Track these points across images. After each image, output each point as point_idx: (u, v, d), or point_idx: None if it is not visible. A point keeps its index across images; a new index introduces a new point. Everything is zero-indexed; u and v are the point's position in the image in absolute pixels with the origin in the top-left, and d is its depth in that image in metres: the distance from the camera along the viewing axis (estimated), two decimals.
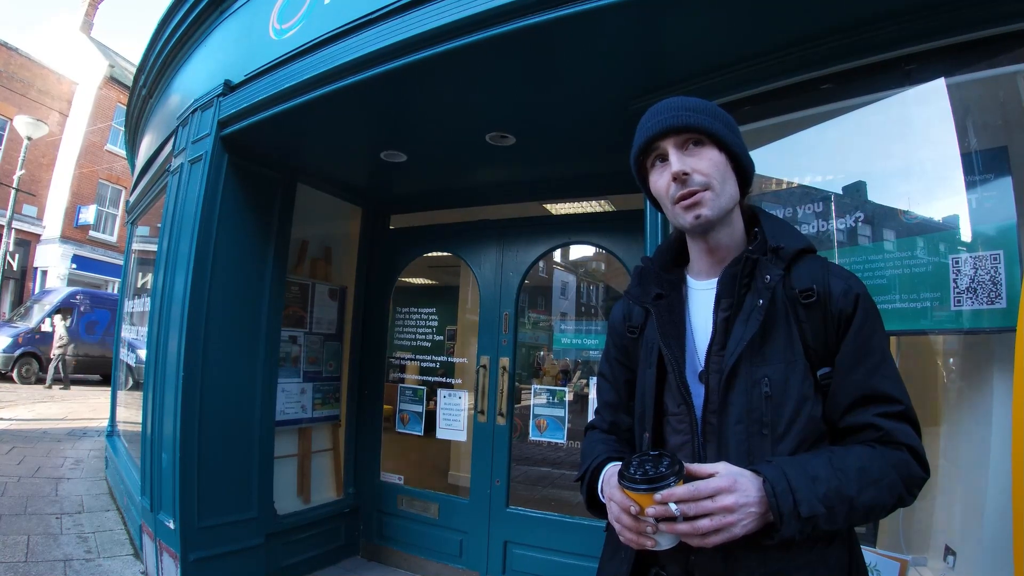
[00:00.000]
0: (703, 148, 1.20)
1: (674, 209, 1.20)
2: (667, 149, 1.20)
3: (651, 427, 1.25)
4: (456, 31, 2.38)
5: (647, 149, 1.24)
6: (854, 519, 1.06)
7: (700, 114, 1.21)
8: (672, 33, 2.28)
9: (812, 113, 2.28)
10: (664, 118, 1.20)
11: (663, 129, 1.20)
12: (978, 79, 1.93)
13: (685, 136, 1.20)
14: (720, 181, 1.18)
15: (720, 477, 1.02)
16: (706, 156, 1.19)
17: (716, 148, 1.20)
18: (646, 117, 1.25)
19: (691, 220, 1.18)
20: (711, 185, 1.17)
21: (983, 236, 1.82)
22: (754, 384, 1.13)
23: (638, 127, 1.27)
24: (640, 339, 1.34)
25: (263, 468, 3.72)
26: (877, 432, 1.10)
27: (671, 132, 1.20)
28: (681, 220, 1.20)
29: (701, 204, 1.17)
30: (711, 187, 1.17)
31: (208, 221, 3.46)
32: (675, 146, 1.20)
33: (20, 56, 19.35)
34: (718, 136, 1.20)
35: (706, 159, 1.18)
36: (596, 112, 2.98)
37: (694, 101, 1.23)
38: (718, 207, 1.18)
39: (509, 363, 4.01)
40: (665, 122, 1.20)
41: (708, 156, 1.19)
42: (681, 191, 1.17)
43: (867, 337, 1.14)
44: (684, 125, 1.19)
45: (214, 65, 3.88)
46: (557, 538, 3.67)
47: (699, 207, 1.17)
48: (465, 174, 4.25)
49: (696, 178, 1.17)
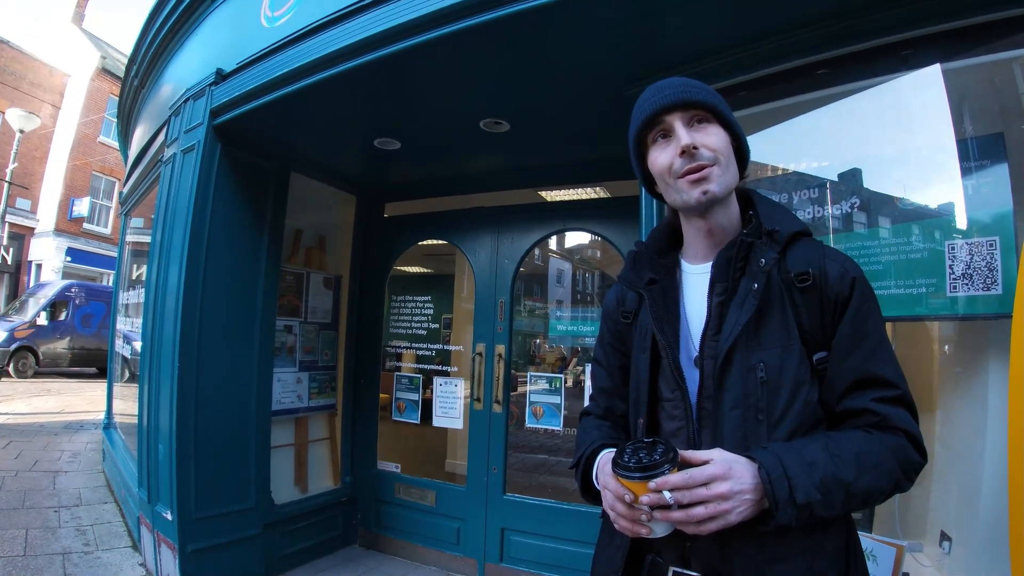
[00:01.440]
0: (709, 125, 1.19)
1: (678, 184, 1.18)
2: (673, 124, 1.18)
3: (646, 413, 1.24)
4: (450, 16, 2.36)
5: (651, 123, 1.22)
6: (851, 505, 1.05)
7: (707, 92, 1.20)
8: (666, 17, 2.27)
9: (807, 99, 2.27)
10: (672, 92, 1.19)
11: (671, 103, 1.18)
12: (974, 65, 1.92)
13: (692, 112, 1.18)
14: (726, 158, 1.17)
15: (715, 464, 1.01)
16: (713, 133, 1.18)
17: (720, 127, 1.19)
18: (649, 92, 1.23)
19: (697, 195, 1.15)
20: (718, 160, 1.16)
21: (979, 223, 1.81)
22: (750, 369, 1.12)
23: (639, 103, 1.25)
24: (634, 324, 1.33)
25: (260, 458, 3.73)
26: (874, 417, 1.09)
27: (679, 106, 1.18)
28: (685, 196, 1.17)
29: (708, 179, 1.15)
30: (718, 162, 1.16)
31: (201, 211, 3.44)
32: (682, 121, 1.18)
33: (11, 49, 19.15)
34: (723, 115, 1.20)
35: (713, 135, 1.17)
36: (590, 98, 2.97)
37: (697, 81, 1.22)
38: (724, 184, 1.17)
39: (505, 350, 4.01)
40: (673, 96, 1.18)
41: (715, 133, 1.18)
42: (688, 165, 1.15)
43: (863, 321, 1.13)
44: (693, 100, 1.18)
45: (206, 54, 3.85)
46: (554, 525, 3.69)
47: (706, 182, 1.15)
48: (459, 161, 4.23)
49: (704, 153, 1.15)
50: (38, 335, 13.68)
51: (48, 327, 13.86)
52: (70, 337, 14.22)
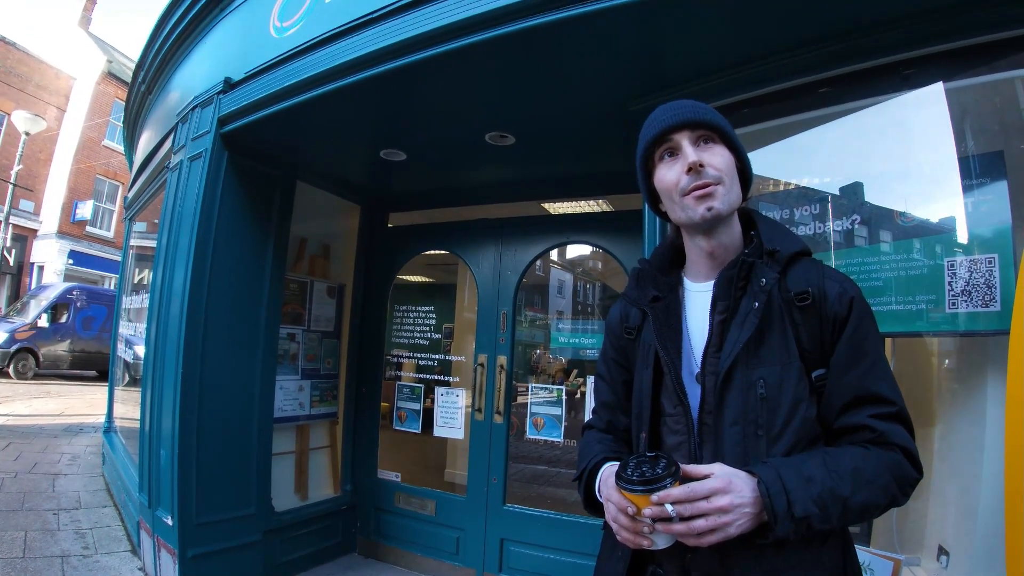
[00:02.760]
0: (715, 145, 1.23)
1: (683, 201, 1.21)
2: (681, 142, 1.22)
3: (648, 427, 1.26)
4: (457, 32, 2.39)
5: (659, 140, 1.26)
6: (848, 519, 1.07)
7: (714, 114, 1.25)
8: (672, 36, 2.29)
9: (810, 116, 2.29)
10: (680, 112, 1.24)
11: (680, 122, 1.23)
12: (976, 84, 1.95)
13: (699, 132, 1.23)
14: (730, 178, 1.21)
15: (715, 478, 1.03)
16: (718, 153, 1.22)
17: (725, 147, 1.24)
18: (659, 112, 1.28)
19: (702, 212, 1.19)
20: (723, 180, 1.19)
21: (979, 239, 1.83)
22: (750, 386, 1.14)
23: (648, 121, 1.30)
24: (637, 340, 1.36)
25: (261, 465, 3.73)
26: (871, 433, 1.11)
27: (687, 126, 1.23)
28: (690, 213, 1.21)
29: (713, 196, 1.18)
30: (723, 182, 1.19)
31: (207, 218, 3.46)
32: (689, 140, 1.22)
33: (18, 51, 19.27)
34: (729, 136, 1.25)
35: (718, 155, 1.21)
36: (596, 113, 3.00)
37: (704, 104, 1.28)
38: (728, 202, 1.20)
39: (507, 361, 4.02)
40: (682, 116, 1.23)
41: (720, 153, 1.22)
42: (695, 182, 1.19)
43: (861, 339, 1.15)
44: (701, 120, 1.22)
45: (214, 62, 3.88)
46: (554, 536, 3.68)
47: (711, 199, 1.18)
48: (464, 173, 4.26)
49: (710, 171, 1.19)
50: (39, 337, 13.67)
51: (49, 329, 13.86)
52: (71, 339, 14.20)
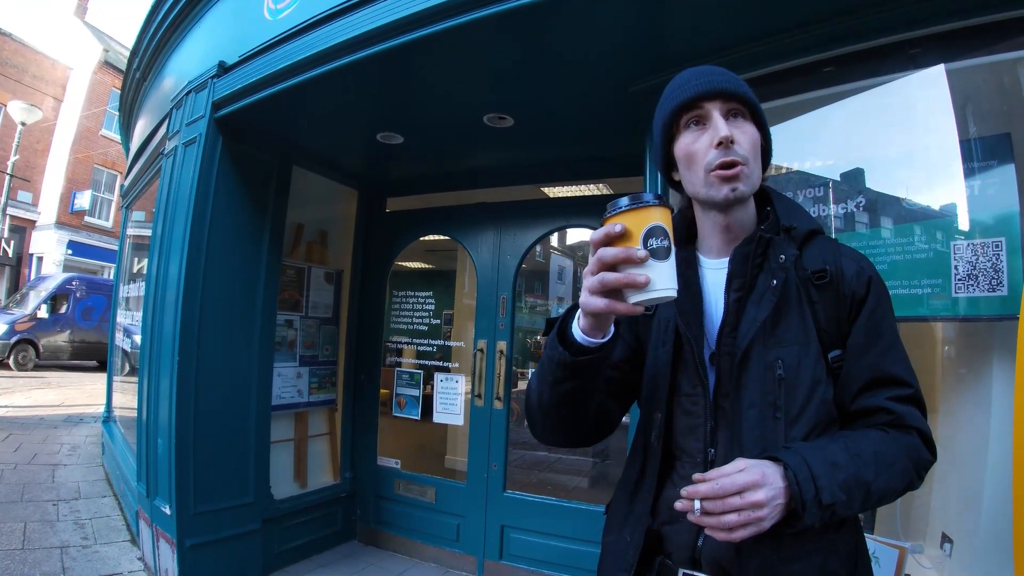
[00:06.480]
0: (744, 122, 1.15)
1: (708, 177, 1.13)
2: (712, 112, 1.13)
3: (664, 408, 1.20)
4: (455, 9, 2.35)
5: (688, 106, 1.16)
6: (868, 504, 1.04)
7: (747, 87, 1.16)
8: (673, 13, 2.25)
9: (813, 96, 2.25)
10: (714, 80, 1.14)
11: (713, 89, 1.13)
12: (981, 65, 1.91)
13: (732, 104, 1.14)
14: (754, 159, 1.14)
15: (748, 472, 0.97)
16: (747, 131, 1.14)
17: (754, 125, 1.16)
18: (689, 75, 1.18)
19: (726, 192, 1.11)
20: (748, 160, 1.12)
21: (984, 223, 1.80)
22: (767, 367, 1.10)
23: (674, 84, 1.20)
24: (653, 317, 1.29)
25: (259, 453, 3.72)
26: (888, 416, 1.08)
27: (720, 95, 1.13)
28: (713, 191, 1.13)
29: (739, 178, 1.11)
30: (748, 162, 1.12)
31: (202, 204, 3.42)
32: (721, 111, 1.13)
33: (14, 41, 19.14)
34: (759, 114, 1.17)
35: (748, 133, 1.14)
36: (595, 94, 2.95)
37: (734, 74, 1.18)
38: (752, 184, 1.13)
39: (506, 347, 4.00)
40: (717, 83, 1.14)
41: (748, 132, 1.14)
42: (723, 159, 1.11)
43: (879, 320, 1.12)
44: (735, 91, 1.14)
45: (208, 46, 3.83)
46: (555, 522, 3.68)
47: (737, 180, 1.11)
48: (463, 156, 4.22)
49: (738, 150, 1.11)
50: (39, 328, 13.69)
51: (49, 320, 13.87)
52: (70, 330, 14.22)
